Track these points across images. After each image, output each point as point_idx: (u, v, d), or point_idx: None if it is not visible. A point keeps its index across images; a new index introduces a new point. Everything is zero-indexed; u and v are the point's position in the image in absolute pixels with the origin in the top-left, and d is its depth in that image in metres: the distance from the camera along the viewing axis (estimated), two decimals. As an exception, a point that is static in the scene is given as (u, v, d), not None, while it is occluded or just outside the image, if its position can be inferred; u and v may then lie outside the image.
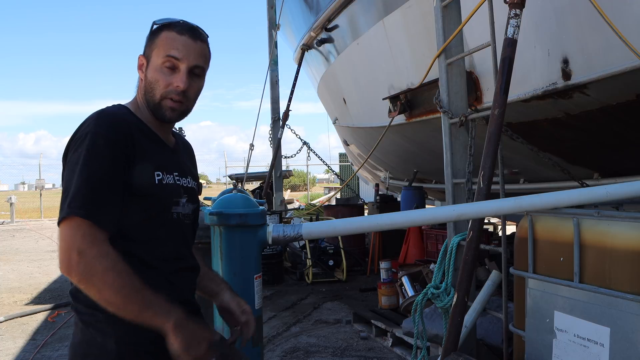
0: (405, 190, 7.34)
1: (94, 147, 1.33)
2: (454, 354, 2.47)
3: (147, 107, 1.51)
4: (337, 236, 7.13)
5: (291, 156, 11.09)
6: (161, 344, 1.47)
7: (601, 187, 2.24)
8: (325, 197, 21.54)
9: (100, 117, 1.40)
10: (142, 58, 1.51)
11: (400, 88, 5.48)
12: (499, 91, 2.65)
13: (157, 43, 1.47)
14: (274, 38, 9.57)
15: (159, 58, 1.46)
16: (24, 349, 4.64)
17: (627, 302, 1.91)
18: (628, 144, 3.74)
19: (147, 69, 1.49)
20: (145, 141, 1.46)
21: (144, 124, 1.50)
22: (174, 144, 1.61)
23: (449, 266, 2.99)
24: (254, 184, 14.37)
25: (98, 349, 1.40)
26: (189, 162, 1.70)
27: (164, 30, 1.49)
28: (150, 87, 1.48)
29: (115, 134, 1.37)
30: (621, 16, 2.75)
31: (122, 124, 1.41)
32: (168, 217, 1.48)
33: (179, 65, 1.46)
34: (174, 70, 1.47)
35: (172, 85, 1.46)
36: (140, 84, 1.53)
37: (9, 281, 7.66)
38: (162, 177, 1.46)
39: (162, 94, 1.47)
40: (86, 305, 1.41)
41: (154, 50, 1.48)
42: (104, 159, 1.33)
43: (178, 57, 1.46)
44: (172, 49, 1.46)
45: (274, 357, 4.26)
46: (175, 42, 1.46)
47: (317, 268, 7.24)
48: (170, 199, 1.49)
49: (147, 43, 1.51)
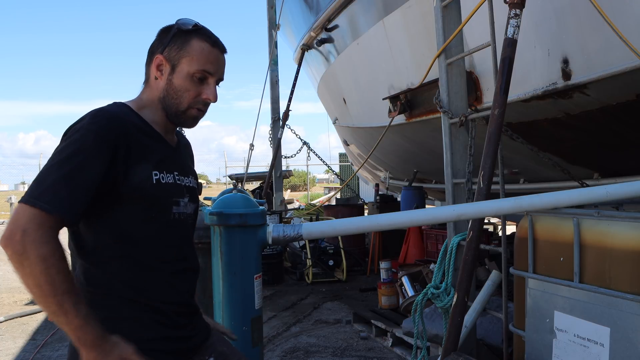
0: (405, 190, 7.34)
1: (83, 142, 1.32)
2: (454, 354, 2.47)
3: (161, 109, 1.50)
4: (337, 236, 7.13)
5: (291, 156, 11.10)
6: (162, 343, 1.47)
7: (601, 187, 2.24)
8: (325, 197, 21.54)
9: (97, 115, 1.38)
10: (162, 58, 1.48)
11: (400, 88, 5.48)
12: (499, 91, 2.65)
13: (189, 51, 1.46)
14: (274, 38, 9.57)
15: (192, 67, 1.46)
16: (24, 349, 4.63)
17: (627, 302, 1.91)
18: (628, 144, 3.74)
19: (172, 73, 1.47)
20: (145, 140, 1.45)
21: (146, 123, 1.48)
22: (176, 143, 1.60)
23: (449, 266, 2.99)
24: (254, 184, 14.38)
25: None
26: (189, 160, 1.70)
27: (195, 38, 1.47)
28: (177, 94, 1.47)
29: (108, 132, 1.35)
30: (621, 16, 2.75)
31: (118, 123, 1.39)
32: (168, 217, 1.47)
33: (209, 77, 1.49)
34: (202, 82, 1.48)
35: (201, 96, 1.48)
36: (155, 83, 1.50)
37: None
38: (161, 177, 1.44)
39: (190, 103, 1.48)
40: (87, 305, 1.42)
41: (184, 57, 1.46)
42: (88, 157, 1.31)
43: (211, 71, 1.48)
44: (208, 63, 1.47)
45: (274, 357, 4.26)
46: (210, 56, 1.48)
47: (317, 268, 7.23)
48: (170, 199, 1.48)
49: (170, 44, 1.47)
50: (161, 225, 1.46)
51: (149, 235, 1.44)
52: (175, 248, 1.51)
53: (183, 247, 1.54)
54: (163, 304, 1.46)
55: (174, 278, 1.50)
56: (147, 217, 1.43)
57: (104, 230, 1.40)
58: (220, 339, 1.73)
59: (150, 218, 1.43)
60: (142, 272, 1.43)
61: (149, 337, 1.44)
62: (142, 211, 1.41)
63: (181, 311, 1.52)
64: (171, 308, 1.48)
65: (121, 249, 1.40)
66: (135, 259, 1.42)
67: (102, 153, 1.33)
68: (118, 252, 1.40)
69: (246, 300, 2.16)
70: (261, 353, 2.28)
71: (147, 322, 1.44)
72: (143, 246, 1.43)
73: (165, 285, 1.47)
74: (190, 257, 1.59)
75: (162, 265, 1.47)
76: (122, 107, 1.48)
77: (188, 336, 1.54)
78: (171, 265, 1.49)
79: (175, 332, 1.50)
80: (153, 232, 1.44)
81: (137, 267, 1.42)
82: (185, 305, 1.54)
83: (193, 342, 1.57)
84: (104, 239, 1.40)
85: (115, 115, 1.41)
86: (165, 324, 1.47)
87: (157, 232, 1.45)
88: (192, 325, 1.57)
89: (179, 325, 1.51)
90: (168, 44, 1.48)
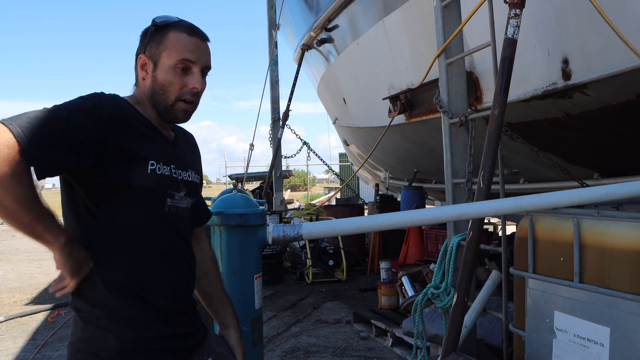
0: (405, 190, 7.34)
1: (76, 104, 1.33)
2: (454, 354, 2.47)
3: (152, 107, 1.50)
4: (337, 236, 7.13)
5: (291, 156, 11.11)
6: (162, 342, 1.48)
7: (601, 187, 2.24)
8: (325, 197, 21.54)
9: (97, 94, 1.41)
10: (145, 58, 1.49)
11: (400, 88, 5.48)
12: (499, 91, 2.65)
13: (167, 44, 1.46)
14: (274, 38, 9.57)
15: (171, 60, 1.45)
16: (24, 349, 4.63)
17: (627, 302, 1.90)
18: (628, 144, 3.74)
19: (155, 69, 1.47)
20: (141, 130, 1.45)
21: (143, 116, 1.49)
22: (174, 137, 1.60)
23: (449, 266, 2.99)
24: (254, 184, 14.39)
25: (97, 347, 1.40)
26: (191, 154, 1.68)
27: (172, 31, 1.47)
28: (162, 89, 1.47)
29: (104, 108, 1.36)
30: (621, 16, 2.75)
31: (116, 106, 1.41)
32: (162, 209, 1.47)
33: (192, 66, 1.47)
34: (186, 72, 1.47)
35: (187, 86, 1.47)
36: (143, 83, 1.51)
37: (9, 281, 7.66)
38: (157, 168, 1.44)
39: (177, 96, 1.47)
40: (86, 303, 1.42)
41: (163, 52, 1.46)
42: (78, 115, 1.29)
43: (192, 59, 1.47)
44: (186, 51, 1.46)
45: (274, 357, 4.26)
46: (189, 44, 1.47)
47: (317, 268, 7.24)
48: (163, 191, 1.47)
49: (149, 42, 1.48)
50: (155, 217, 1.46)
51: (143, 226, 1.44)
52: (169, 241, 1.50)
53: (177, 240, 1.53)
54: (160, 299, 1.46)
55: (169, 271, 1.50)
56: (141, 208, 1.42)
57: (102, 220, 1.40)
58: (218, 339, 1.73)
59: (143, 209, 1.43)
60: (139, 263, 1.44)
61: (149, 336, 1.44)
62: (136, 201, 1.41)
63: (178, 307, 1.52)
64: (167, 303, 1.48)
65: (118, 239, 1.41)
66: (132, 250, 1.43)
67: (94, 118, 1.32)
68: (115, 242, 1.41)
69: (246, 300, 2.17)
70: (261, 353, 2.28)
71: (146, 320, 1.44)
72: (138, 237, 1.43)
73: (161, 278, 1.47)
74: (186, 252, 1.58)
75: (157, 257, 1.47)
76: (122, 100, 1.49)
77: (187, 333, 1.54)
78: (167, 258, 1.49)
79: (174, 329, 1.50)
80: (147, 223, 1.44)
81: (133, 258, 1.43)
82: (181, 300, 1.54)
83: (192, 340, 1.57)
84: (102, 229, 1.41)
85: (117, 102, 1.44)
86: (165, 322, 1.47)
87: (151, 224, 1.45)
88: (191, 323, 1.57)
89: (177, 323, 1.51)
90: (148, 43, 1.49)
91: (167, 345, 1.48)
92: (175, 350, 1.50)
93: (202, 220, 1.78)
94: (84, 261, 1.38)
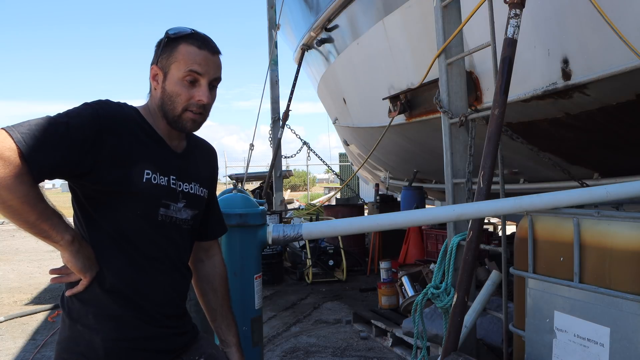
0: (405, 190, 7.34)
1: (78, 110, 1.38)
2: (454, 354, 2.47)
3: (162, 117, 1.52)
4: (337, 236, 7.13)
5: (291, 156, 11.10)
6: (148, 342, 1.49)
7: (601, 187, 2.24)
8: (325, 197, 21.52)
9: (101, 101, 1.45)
10: (157, 68, 1.52)
11: (400, 88, 5.48)
12: (499, 91, 2.65)
13: (176, 56, 1.48)
14: (274, 38, 9.56)
15: (180, 72, 1.48)
16: (24, 349, 4.63)
17: (627, 302, 1.91)
18: (628, 144, 3.74)
19: (164, 80, 1.50)
20: (144, 139, 1.48)
21: (149, 126, 1.52)
22: (184, 149, 1.61)
23: (449, 266, 2.99)
24: (254, 184, 14.36)
25: (85, 345, 1.42)
26: (203, 167, 1.68)
27: (182, 43, 1.49)
28: (171, 99, 1.49)
29: (104, 115, 1.39)
30: (621, 16, 2.75)
31: (117, 113, 1.44)
32: (154, 217, 1.49)
33: (199, 79, 1.49)
34: (194, 84, 1.49)
35: (193, 98, 1.49)
36: (154, 93, 1.54)
37: (9, 281, 7.66)
38: (153, 177, 1.46)
39: (184, 107, 1.49)
40: (77, 301, 1.45)
41: (173, 63, 1.49)
42: (77, 121, 1.34)
43: (200, 72, 1.48)
44: (194, 63, 1.48)
45: (274, 357, 4.26)
46: (197, 57, 1.48)
47: (317, 268, 7.23)
48: (157, 200, 1.49)
49: (161, 54, 1.51)
50: (146, 225, 1.48)
51: (137, 232, 1.47)
52: (161, 249, 1.52)
53: (169, 249, 1.54)
54: (148, 301, 1.49)
55: (160, 276, 1.51)
56: (133, 215, 1.45)
57: (98, 222, 1.44)
58: (210, 342, 1.73)
59: (135, 215, 1.46)
60: (129, 266, 1.47)
61: (136, 336, 1.46)
62: (128, 207, 1.44)
63: (167, 311, 1.54)
64: (156, 306, 1.50)
65: (112, 241, 1.45)
66: (124, 253, 1.46)
67: (93, 128, 1.36)
68: (109, 245, 1.45)
69: (246, 300, 2.17)
70: (261, 353, 2.28)
71: (134, 321, 1.46)
72: (132, 241, 1.46)
73: (151, 282, 1.50)
74: (179, 262, 1.59)
75: (148, 262, 1.49)
76: (130, 108, 1.53)
77: (175, 334, 1.56)
78: (158, 263, 1.51)
79: (161, 330, 1.52)
80: (139, 229, 1.47)
81: (124, 261, 1.46)
82: (170, 305, 1.55)
83: (181, 340, 1.59)
84: (98, 231, 1.45)
85: (118, 109, 1.47)
86: (152, 323, 1.49)
87: (143, 230, 1.48)
88: (180, 324, 1.60)
89: (165, 325, 1.53)
90: (160, 54, 1.51)
91: (153, 346, 1.50)
92: (161, 350, 1.52)
93: (212, 234, 1.79)
94: (93, 259, 1.43)
